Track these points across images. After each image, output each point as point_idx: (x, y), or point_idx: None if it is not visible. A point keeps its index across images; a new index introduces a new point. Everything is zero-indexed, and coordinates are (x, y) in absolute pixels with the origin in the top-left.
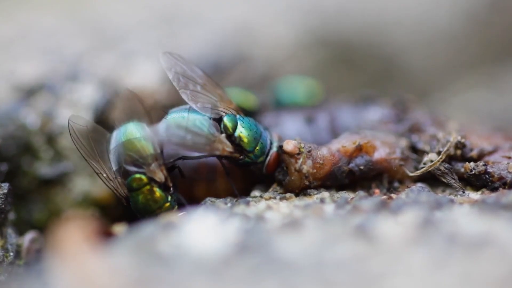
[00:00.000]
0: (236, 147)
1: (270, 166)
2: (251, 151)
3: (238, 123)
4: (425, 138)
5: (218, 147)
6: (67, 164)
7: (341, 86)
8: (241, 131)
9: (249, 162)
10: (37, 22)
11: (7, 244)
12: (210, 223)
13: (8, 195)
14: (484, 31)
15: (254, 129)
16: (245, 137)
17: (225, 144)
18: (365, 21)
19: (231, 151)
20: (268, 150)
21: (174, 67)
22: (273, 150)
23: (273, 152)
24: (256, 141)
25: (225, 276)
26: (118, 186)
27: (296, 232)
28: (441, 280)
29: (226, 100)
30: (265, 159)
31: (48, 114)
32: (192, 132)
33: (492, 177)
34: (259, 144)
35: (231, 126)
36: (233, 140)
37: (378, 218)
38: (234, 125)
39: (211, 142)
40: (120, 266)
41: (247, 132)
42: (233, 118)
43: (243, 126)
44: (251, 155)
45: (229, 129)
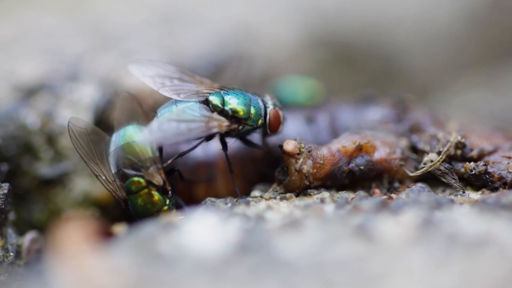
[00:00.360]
0: (231, 119)
1: (272, 124)
2: (247, 117)
3: (224, 97)
4: (425, 138)
5: (214, 124)
6: (67, 164)
7: (341, 86)
8: (230, 102)
9: (251, 128)
10: (37, 22)
11: (7, 244)
12: (210, 223)
13: (8, 195)
14: (484, 31)
15: (241, 97)
16: (235, 107)
17: (220, 120)
18: (365, 21)
19: (228, 124)
20: (265, 110)
21: (146, 72)
22: (269, 108)
23: (271, 110)
24: (248, 106)
25: (225, 276)
26: (116, 189)
27: (296, 232)
28: (441, 280)
29: (207, 83)
30: (265, 120)
31: (48, 114)
32: (184, 120)
33: (492, 177)
34: (252, 108)
35: (219, 101)
36: (226, 114)
37: (378, 218)
38: (221, 100)
39: (206, 123)
40: (120, 266)
41: (236, 101)
42: (218, 94)
43: (230, 98)
44: (248, 121)
45: (218, 105)
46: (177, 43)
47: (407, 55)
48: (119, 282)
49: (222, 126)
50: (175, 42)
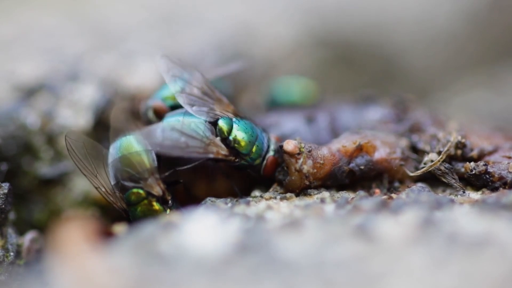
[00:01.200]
0: (231, 150)
1: (267, 169)
2: (247, 154)
3: (233, 126)
4: (425, 138)
5: (213, 150)
6: (67, 164)
7: (341, 86)
8: (236, 134)
9: (246, 164)
10: (37, 22)
11: (8, 244)
12: (210, 223)
13: (9, 195)
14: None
15: (249, 132)
16: (240, 140)
17: (219, 147)
18: (365, 21)
19: (225, 154)
20: (265, 153)
21: (172, 70)
22: (269, 154)
23: (270, 156)
24: (252, 144)
25: (225, 276)
26: (117, 201)
27: (297, 232)
28: (441, 280)
29: (224, 103)
30: (262, 162)
31: (48, 114)
32: (186, 134)
33: (492, 177)
34: (255, 147)
35: (226, 129)
36: (228, 143)
37: (378, 218)
38: (229, 128)
39: (206, 145)
40: (120, 266)
41: (242, 135)
42: (228, 121)
43: (238, 129)
44: (247, 157)
45: (224, 132)
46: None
47: (407, 55)
48: (119, 282)
49: (220, 154)
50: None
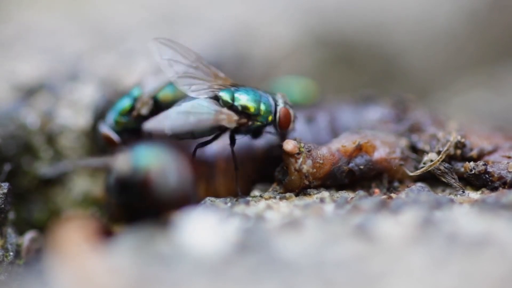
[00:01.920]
0: (241, 115)
1: (282, 121)
2: (257, 113)
3: (235, 94)
4: (425, 138)
5: (223, 117)
6: (67, 163)
7: (341, 86)
8: (240, 98)
9: (260, 125)
10: (37, 22)
11: (7, 244)
12: (210, 223)
13: (8, 194)
14: (484, 31)
15: (252, 93)
16: (245, 102)
17: (229, 114)
18: (365, 20)
19: (237, 119)
20: (275, 108)
21: (165, 53)
22: (280, 106)
23: (281, 108)
24: (258, 102)
25: (225, 276)
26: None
27: (296, 232)
28: (441, 279)
29: (222, 77)
30: (275, 117)
31: (48, 114)
32: (192, 112)
33: (492, 177)
34: (262, 105)
35: (229, 97)
36: (236, 110)
37: (378, 217)
38: (231, 96)
39: (215, 116)
40: (120, 266)
41: (246, 97)
42: (228, 90)
43: (240, 94)
44: (258, 117)
45: (228, 101)
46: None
47: (407, 55)
48: (119, 282)
49: (232, 120)
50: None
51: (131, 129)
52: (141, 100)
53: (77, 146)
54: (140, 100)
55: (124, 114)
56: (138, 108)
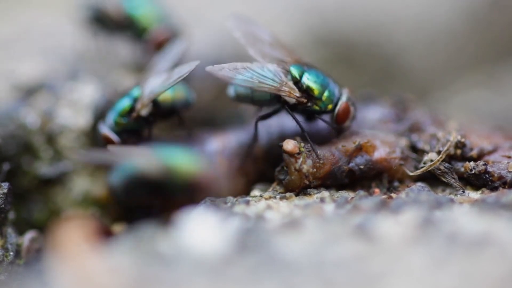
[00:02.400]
0: (303, 93)
1: (339, 114)
2: (319, 97)
3: (304, 72)
4: (425, 138)
5: (285, 89)
6: (67, 163)
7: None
8: (308, 77)
9: (318, 110)
10: (36, 22)
11: (7, 244)
12: (210, 223)
13: (8, 194)
14: (484, 30)
15: (321, 77)
16: (312, 82)
17: (292, 88)
18: (365, 20)
19: (298, 96)
20: (337, 99)
21: (241, 27)
22: (342, 100)
23: (343, 102)
24: (324, 87)
25: (225, 275)
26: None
27: (296, 232)
28: (441, 279)
29: (295, 56)
30: (334, 109)
31: (48, 113)
32: (258, 73)
33: (492, 177)
34: (327, 91)
35: (298, 73)
36: (300, 87)
37: (378, 217)
38: (300, 73)
39: (279, 84)
40: (120, 266)
41: (314, 79)
42: (299, 67)
43: (310, 73)
44: (319, 102)
45: (296, 76)
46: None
47: (407, 55)
48: (119, 282)
49: (292, 95)
50: None
51: (130, 130)
52: (141, 102)
53: (77, 146)
54: (140, 101)
55: (123, 115)
56: (138, 110)
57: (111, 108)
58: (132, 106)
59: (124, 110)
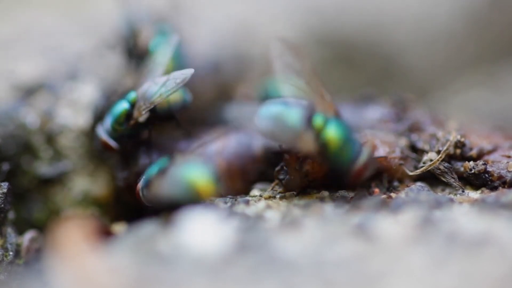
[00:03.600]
0: (320, 148)
1: (353, 177)
2: (335, 155)
3: (328, 123)
4: (424, 137)
5: (301, 144)
6: (66, 163)
7: (340, 85)
8: (329, 131)
9: (331, 167)
10: (36, 21)
11: (7, 243)
12: (210, 222)
13: (8, 194)
14: (483, 30)
15: (345, 133)
16: (332, 138)
17: (308, 143)
18: (365, 20)
19: (312, 152)
20: (355, 158)
21: (284, 56)
22: (360, 160)
23: (360, 163)
24: (344, 145)
25: (225, 275)
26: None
27: (296, 231)
28: (441, 279)
29: (327, 101)
30: (349, 168)
31: (47, 113)
32: (281, 125)
33: (491, 176)
34: (345, 150)
35: (321, 124)
36: (319, 139)
37: (377, 217)
38: (323, 124)
39: (296, 138)
40: (119, 266)
41: (336, 135)
42: (324, 118)
43: (333, 127)
44: (335, 160)
45: (317, 127)
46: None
47: (407, 55)
48: (118, 282)
49: (308, 147)
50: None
51: (129, 134)
52: (138, 110)
53: (76, 146)
54: (137, 109)
55: (121, 122)
56: (136, 117)
57: (108, 111)
58: (128, 111)
59: (121, 117)
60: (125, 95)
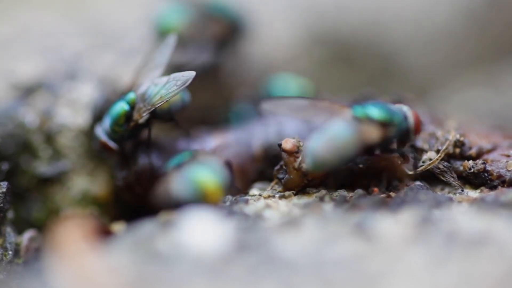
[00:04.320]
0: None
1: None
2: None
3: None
4: (424, 137)
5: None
6: (65, 162)
7: (339, 84)
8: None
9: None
10: (36, 21)
11: (6, 243)
12: (209, 222)
13: (7, 193)
14: (483, 29)
15: (383, 106)
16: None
17: (370, 135)
18: (364, 19)
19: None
20: (404, 115)
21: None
22: (410, 116)
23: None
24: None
25: (224, 275)
26: None
27: (295, 231)
28: (440, 278)
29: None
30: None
31: (47, 113)
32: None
33: (491, 175)
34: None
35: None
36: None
37: (377, 216)
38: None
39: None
40: (118, 265)
41: (379, 112)
42: (357, 107)
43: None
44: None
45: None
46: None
47: (406, 54)
48: (117, 281)
49: (374, 133)
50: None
51: (128, 136)
52: (137, 112)
53: (76, 145)
54: (137, 111)
55: (120, 123)
56: (136, 119)
57: (107, 112)
58: (128, 112)
59: (121, 118)
60: (124, 96)
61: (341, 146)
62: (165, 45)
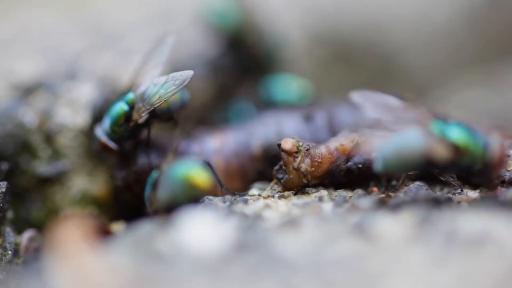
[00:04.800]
0: (452, 151)
1: (496, 166)
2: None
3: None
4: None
5: (436, 150)
6: (65, 162)
7: (339, 84)
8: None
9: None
10: (35, 21)
11: (6, 243)
12: (208, 222)
13: (7, 193)
14: (483, 29)
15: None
16: (459, 139)
17: (441, 153)
18: (364, 19)
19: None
20: (487, 150)
21: (369, 101)
22: (494, 148)
23: (495, 151)
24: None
25: (224, 274)
26: None
27: (295, 231)
28: (440, 278)
29: (430, 112)
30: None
31: (46, 112)
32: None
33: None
34: (475, 141)
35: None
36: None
37: (376, 216)
38: (443, 128)
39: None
40: (118, 265)
41: (460, 134)
42: (440, 122)
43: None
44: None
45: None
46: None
47: (406, 53)
48: (117, 281)
49: (443, 153)
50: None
51: (127, 136)
52: (137, 112)
53: (75, 145)
54: (136, 111)
55: (120, 123)
56: (135, 119)
57: (106, 112)
58: (127, 112)
59: (120, 118)
60: (123, 96)
61: (408, 155)
62: (163, 44)
